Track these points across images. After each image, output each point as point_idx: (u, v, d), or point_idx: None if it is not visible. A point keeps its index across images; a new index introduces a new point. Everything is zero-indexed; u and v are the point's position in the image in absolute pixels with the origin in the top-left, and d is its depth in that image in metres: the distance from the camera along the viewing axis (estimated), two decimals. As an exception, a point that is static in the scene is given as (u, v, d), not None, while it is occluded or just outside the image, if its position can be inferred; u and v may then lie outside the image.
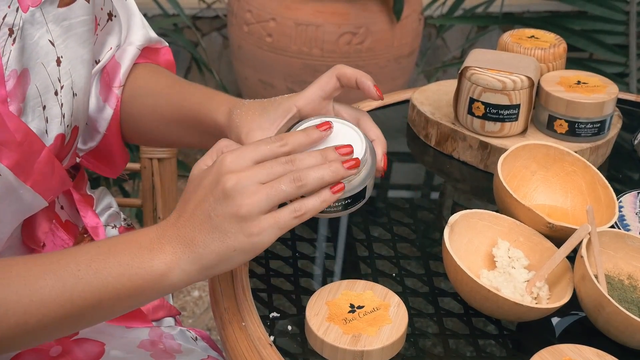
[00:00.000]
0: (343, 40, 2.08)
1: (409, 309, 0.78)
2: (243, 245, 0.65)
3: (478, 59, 1.02)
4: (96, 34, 0.85)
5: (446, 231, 0.78)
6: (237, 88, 2.42)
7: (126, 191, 1.97)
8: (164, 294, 0.68)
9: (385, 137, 0.81)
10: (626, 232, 0.84)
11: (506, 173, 0.88)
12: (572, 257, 0.78)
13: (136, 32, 0.91)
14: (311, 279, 0.84)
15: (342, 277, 0.83)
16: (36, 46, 0.73)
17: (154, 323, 0.93)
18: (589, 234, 0.77)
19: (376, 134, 0.80)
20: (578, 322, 0.79)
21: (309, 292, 0.81)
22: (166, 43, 0.97)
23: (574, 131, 1.01)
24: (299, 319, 0.77)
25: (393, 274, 0.84)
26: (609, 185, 0.88)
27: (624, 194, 0.95)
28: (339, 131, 0.74)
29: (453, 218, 0.80)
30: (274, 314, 0.78)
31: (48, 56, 0.74)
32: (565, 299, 0.75)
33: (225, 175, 0.65)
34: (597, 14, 2.07)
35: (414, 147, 1.08)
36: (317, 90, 0.79)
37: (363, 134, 0.75)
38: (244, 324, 0.76)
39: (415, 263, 0.86)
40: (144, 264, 0.66)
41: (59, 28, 0.75)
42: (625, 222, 0.90)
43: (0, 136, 0.69)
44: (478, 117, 1.01)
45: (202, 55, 2.46)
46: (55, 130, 0.76)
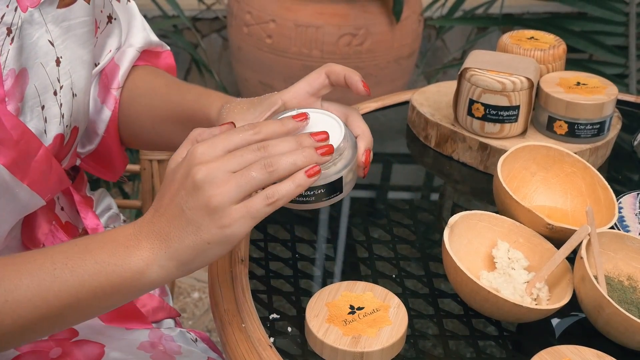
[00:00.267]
0: (343, 41, 2.08)
1: (409, 310, 0.78)
2: (216, 237, 0.63)
3: (478, 60, 1.02)
4: (96, 37, 0.85)
5: (446, 232, 0.78)
6: (237, 89, 2.42)
7: (126, 193, 1.96)
8: (144, 291, 0.67)
9: (385, 138, 0.80)
10: (626, 233, 0.84)
11: (506, 174, 0.89)
12: (572, 258, 0.78)
13: (136, 34, 0.91)
14: (311, 280, 0.84)
15: (342, 279, 0.83)
16: (35, 46, 0.73)
17: (153, 325, 0.93)
18: (589, 235, 0.77)
19: (362, 129, 0.77)
20: (578, 323, 0.79)
21: (308, 294, 0.81)
22: (167, 47, 0.96)
23: (573, 132, 1.01)
24: (299, 320, 0.77)
25: (393, 275, 0.84)
26: (609, 186, 0.88)
27: (624, 195, 0.95)
28: (318, 120, 0.73)
29: (453, 219, 0.80)
30: (274, 315, 0.78)
31: (47, 56, 0.74)
32: (565, 300, 0.75)
33: (195, 167, 0.64)
34: (596, 15, 2.07)
35: (413, 148, 1.08)
36: (304, 85, 0.79)
37: (345, 126, 0.73)
38: (243, 325, 0.76)
39: (415, 264, 0.86)
40: (120, 261, 0.64)
41: (58, 29, 0.75)
42: (624, 223, 0.90)
43: None
44: (478, 118, 1.01)
45: (202, 56, 2.46)
46: (55, 130, 0.76)
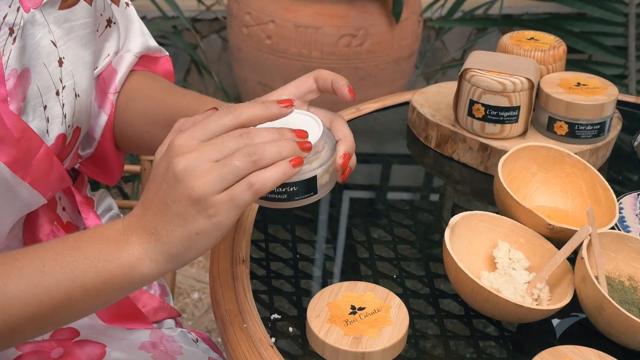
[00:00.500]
0: (342, 42, 2.08)
1: (410, 310, 0.78)
2: (205, 228, 0.62)
3: (478, 61, 1.02)
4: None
5: (447, 233, 0.78)
6: (237, 90, 2.42)
7: (126, 193, 1.96)
8: (137, 286, 0.66)
9: (385, 139, 0.80)
10: (626, 233, 0.84)
11: (506, 175, 0.89)
12: (573, 258, 0.78)
13: (134, 39, 0.91)
14: (312, 280, 0.84)
15: (343, 279, 0.83)
16: (37, 46, 0.73)
17: (154, 325, 0.93)
18: (590, 235, 0.77)
19: (344, 133, 0.75)
20: (579, 324, 0.79)
21: (309, 294, 0.81)
22: (166, 52, 0.96)
23: (573, 133, 1.01)
24: (300, 320, 0.77)
25: (394, 276, 0.84)
26: (609, 186, 0.88)
27: (624, 196, 0.95)
28: (297, 119, 0.72)
29: (454, 220, 0.80)
30: (275, 315, 0.78)
31: (50, 56, 0.74)
32: (566, 301, 0.75)
33: (174, 159, 0.62)
34: (596, 15, 2.07)
35: (414, 149, 1.08)
36: (291, 88, 0.79)
37: (326, 127, 0.72)
38: (245, 325, 0.76)
39: (415, 265, 0.86)
40: (110, 257, 0.64)
41: (60, 30, 0.75)
42: (625, 223, 0.90)
43: None
44: (478, 118, 1.01)
45: (202, 57, 2.46)
46: (57, 130, 0.76)
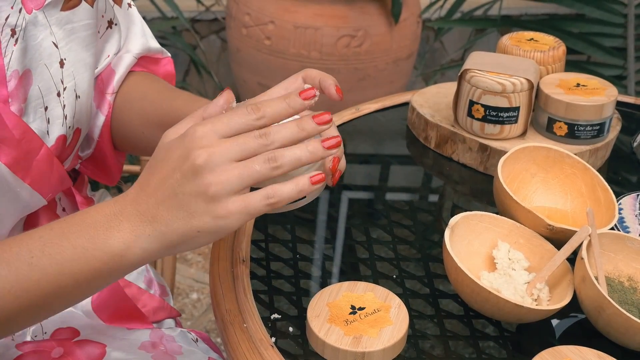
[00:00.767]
0: (341, 43, 2.08)
1: (410, 310, 0.78)
2: (209, 227, 0.61)
3: (477, 62, 1.02)
4: None
5: (447, 233, 0.78)
6: (236, 91, 2.42)
7: (125, 193, 1.96)
8: (125, 273, 0.65)
9: (384, 139, 0.81)
10: (626, 234, 0.84)
11: (506, 175, 0.89)
12: (572, 259, 0.78)
13: (134, 40, 0.91)
14: (312, 280, 0.84)
15: (343, 279, 0.84)
16: (39, 47, 0.73)
17: (154, 325, 0.93)
18: (589, 235, 0.78)
19: (333, 135, 0.73)
20: (578, 324, 0.79)
21: (309, 294, 0.81)
22: (168, 54, 0.95)
23: (573, 133, 1.01)
24: (300, 320, 0.78)
25: (393, 276, 0.84)
26: (609, 187, 0.88)
27: (624, 196, 0.95)
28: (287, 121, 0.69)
29: (453, 220, 0.80)
30: (275, 315, 0.78)
31: (51, 57, 0.74)
32: (566, 301, 0.75)
33: (196, 151, 0.61)
34: (595, 16, 2.07)
35: (413, 149, 1.08)
36: (280, 89, 0.78)
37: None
38: (245, 325, 0.76)
39: (415, 265, 0.86)
40: (100, 245, 0.62)
41: (62, 31, 0.75)
42: (624, 224, 0.91)
43: None
44: (478, 119, 1.01)
45: (201, 58, 2.46)
46: (57, 131, 0.76)
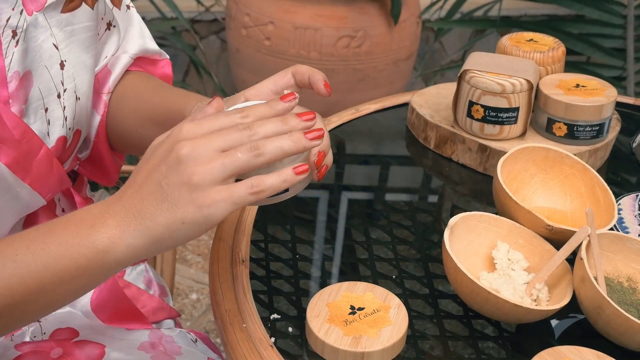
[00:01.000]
0: (341, 43, 2.08)
1: (409, 310, 0.78)
2: (193, 217, 0.61)
3: (477, 62, 1.02)
4: None
5: (446, 233, 0.78)
6: (235, 91, 2.41)
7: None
8: (111, 271, 0.64)
9: (384, 140, 0.80)
10: (625, 234, 0.84)
11: (505, 175, 0.89)
12: (572, 259, 0.78)
13: (131, 41, 0.90)
14: (311, 281, 0.84)
15: (342, 279, 0.84)
16: (40, 49, 0.73)
17: (154, 325, 0.93)
18: (589, 236, 0.78)
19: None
20: (577, 324, 0.80)
21: (309, 294, 0.81)
22: (167, 56, 0.95)
23: (572, 134, 1.01)
24: (300, 320, 0.78)
25: (393, 276, 0.84)
26: (608, 187, 0.88)
27: (623, 197, 0.95)
28: None
29: (453, 220, 0.80)
30: (275, 315, 0.78)
31: (52, 59, 0.74)
32: (565, 301, 0.75)
33: (180, 142, 0.61)
34: (594, 17, 2.07)
35: (413, 150, 1.08)
36: (269, 84, 0.78)
37: None
38: (244, 325, 0.76)
39: (414, 265, 0.86)
40: (84, 241, 0.62)
41: (62, 33, 0.76)
42: (624, 224, 0.91)
43: None
44: (477, 120, 1.01)
45: (201, 58, 2.46)
46: (57, 132, 0.76)
